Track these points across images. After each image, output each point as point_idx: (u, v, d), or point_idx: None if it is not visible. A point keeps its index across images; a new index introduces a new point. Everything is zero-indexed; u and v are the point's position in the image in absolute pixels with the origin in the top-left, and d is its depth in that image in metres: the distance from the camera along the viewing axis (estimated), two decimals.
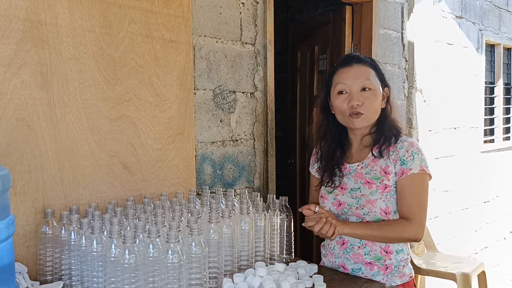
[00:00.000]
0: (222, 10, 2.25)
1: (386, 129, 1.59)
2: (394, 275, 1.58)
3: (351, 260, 1.61)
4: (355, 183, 1.60)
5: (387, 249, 1.58)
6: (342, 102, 1.57)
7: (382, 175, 1.56)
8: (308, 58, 3.56)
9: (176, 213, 1.49)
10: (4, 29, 1.52)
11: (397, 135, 1.60)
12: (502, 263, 4.49)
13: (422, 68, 3.58)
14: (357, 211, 1.58)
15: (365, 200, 1.56)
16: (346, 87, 1.56)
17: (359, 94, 1.55)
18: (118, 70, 1.80)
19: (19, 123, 1.56)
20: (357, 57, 1.63)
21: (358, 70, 1.58)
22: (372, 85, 1.56)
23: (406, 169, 1.53)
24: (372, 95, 1.55)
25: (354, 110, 1.54)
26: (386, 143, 1.58)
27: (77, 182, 1.70)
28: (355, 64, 1.59)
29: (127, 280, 1.19)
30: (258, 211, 1.61)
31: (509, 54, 5.14)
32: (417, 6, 3.48)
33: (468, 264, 3.00)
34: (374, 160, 1.59)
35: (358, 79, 1.56)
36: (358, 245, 1.59)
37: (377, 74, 1.60)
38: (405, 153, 1.54)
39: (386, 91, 1.62)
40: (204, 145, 2.19)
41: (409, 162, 1.53)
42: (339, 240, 1.63)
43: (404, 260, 1.61)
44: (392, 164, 1.56)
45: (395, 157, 1.55)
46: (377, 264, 1.58)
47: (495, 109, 4.84)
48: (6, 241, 1.05)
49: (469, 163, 4.24)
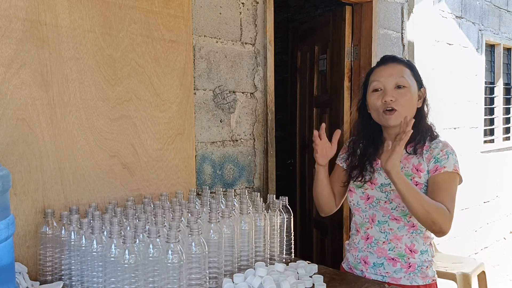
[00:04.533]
0: (222, 10, 2.25)
1: (422, 129, 1.60)
2: (417, 275, 1.57)
3: (375, 254, 1.61)
4: (385, 178, 1.58)
5: (412, 248, 1.57)
6: (376, 99, 1.59)
7: (413, 172, 1.56)
8: (308, 58, 3.56)
9: (176, 213, 1.48)
10: (4, 29, 1.52)
11: (433, 135, 1.61)
12: (502, 263, 4.49)
13: (422, 68, 3.56)
14: (385, 205, 1.58)
15: (394, 194, 1.55)
16: (381, 84, 1.59)
17: (392, 91, 1.56)
18: (118, 70, 1.80)
19: (19, 123, 1.56)
20: (393, 57, 1.66)
21: (393, 68, 1.60)
22: (406, 83, 1.58)
23: (440, 166, 1.53)
24: (407, 92, 1.57)
25: (388, 106, 1.56)
26: (421, 142, 1.58)
27: (77, 182, 1.70)
28: (390, 63, 1.62)
29: (127, 280, 1.19)
30: (258, 211, 1.61)
31: (509, 54, 5.14)
32: (417, 6, 3.48)
33: (468, 264, 3.00)
34: (407, 157, 1.59)
35: (392, 76, 1.58)
36: (383, 240, 1.60)
37: (412, 74, 1.62)
38: (439, 152, 1.55)
39: (422, 91, 1.64)
40: (204, 145, 2.19)
41: (443, 161, 1.53)
42: (364, 235, 1.64)
43: (428, 261, 1.59)
44: (425, 162, 1.55)
45: (429, 156, 1.55)
46: (400, 261, 1.57)
47: (495, 109, 4.84)
48: (6, 241, 1.05)
49: (469, 163, 4.24)
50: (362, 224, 1.66)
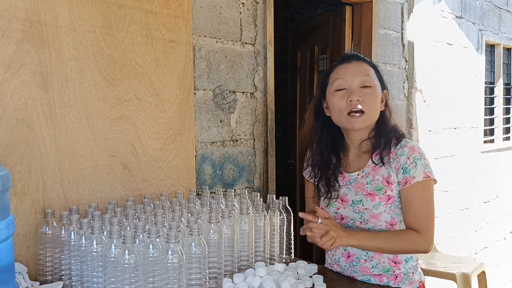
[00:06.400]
0: (222, 10, 2.25)
1: (386, 133, 1.49)
2: (404, 283, 1.52)
3: (359, 272, 1.53)
4: (356, 194, 1.50)
5: (396, 259, 1.50)
6: (340, 99, 1.46)
7: (384, 185, 1.46)
8: (308, 58, 3.56)
9: (176, 213, 1.48)
10: (4, 29, 1.52)
11: (399, 138, 1.49)
12: (502, 263, 4.49)
13: (422, 68, 3.58)
14: (361, 225, 1.50)
15: (368, 214, 1.47)
16: (345, 83, 1.47)
17: (359, 90, 1.45)
18: (118, 70, 1.80)
19: (19, 123, 1.56)
20: (356, 55, 1.55)
21: (358, 66, 1.49)
22: (372, 82, 1.47)
23: (409, 177, 1.43)
24: (373, 92, 1.46)
25: (354, 107, 1.44)
26: (386, 148, 1.47)
27: (77, 182, 1.70)
28: (354, 61, 1.51)
29: (127, 280, 1.19)
30: (258, 211, 1.61)
31: (509, 54, 5.14)
32: (417, 6, 3.48)
33: (468, 264, 3.00)
34: (374, 168, 1.49)
35: (358, 75, 1.46)
36: (364, 258, 1.51)
37: (377, 74, 1.52)
38: (406, 160, 1.44)
39: (385, 93, 1.53)
40: (204, 145, 2.19)
41: (411, 170, 1.43)
42: (344, 252, 1.56)
43: (413, 267, 1.53)
44: (394, 173, 1.46)
45: (396, 165, 1.45)
46: (386, 275, 1.51)
47: (495, 109, 4.84)
48: (6, 241, 1.05)
49: (469, 163, 4.24)
50: None
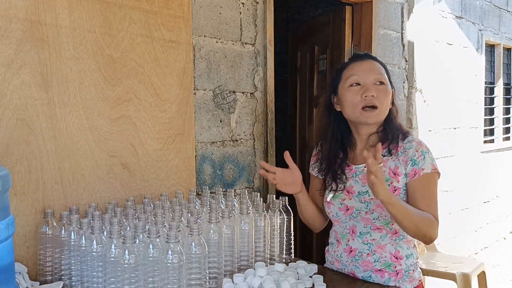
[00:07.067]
0: (222, 10, 2.25)
1: (393, 129, 1.55)
2: (405, 280, 1.53)
3: (361, 268, 1.54)
4: (362, 186, 1.53)
5: (397, 254, 1.52)
6: (355, 94, 1.51)
7: (391, 177, 1.50)
8: (308, 58, 3.56)
9: (176, 213, 1.49)
10: (4, 29, 1.52)
11: (405, 134, 1.55)
12: (502, 263, 4.49)
13: (422, 68, 3.58)
14: (366, 216, 1.52)
15: (374, 204, 1.49)
16: (360, 79, 1.52)
17: (373, 87, 1.51)
18: (118, 70, 1.80)
19: (19, 123, 1.56)
20: (368, 54, 1.62)
21: (372, 64, 1.55)
22: (385, 80, 1.54)
23: (418, 169, 1.47)
24: (386, 90, 1.52)
25: (369, 102, 1.49)
26: (393, 142, 1.53)
27: (77, 182, 1.70)
28: (367, 59, 1.58)
29: (127, 280, 1.19)
30: (258, 211, 1.61)
31: (509, 54, 5.14)
32: (417, 6, 3.48)
33: (468, 264, 3.00)
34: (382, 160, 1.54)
35: (373, 72, 1.53)
36: (367, 252, 1.53)
37: (386, 73, 1.59)
38: (415, 153, 1.49)
39: (393, 92, 1.60)
40: (204, 145, 2.19)
41: (420, 162, 1.48)
42: (346, 247, 1.58)
43: (413, 264, 1.56)
44: (402, 165, 1.50)
45: (405, 158, 1.50)
46: (388, 271, 1.52)
47: (495, 109, 4.84)
48: (6, 241, 1.05)
49: (469, 163, 4.25)
50: (343, 235, 1.59)
